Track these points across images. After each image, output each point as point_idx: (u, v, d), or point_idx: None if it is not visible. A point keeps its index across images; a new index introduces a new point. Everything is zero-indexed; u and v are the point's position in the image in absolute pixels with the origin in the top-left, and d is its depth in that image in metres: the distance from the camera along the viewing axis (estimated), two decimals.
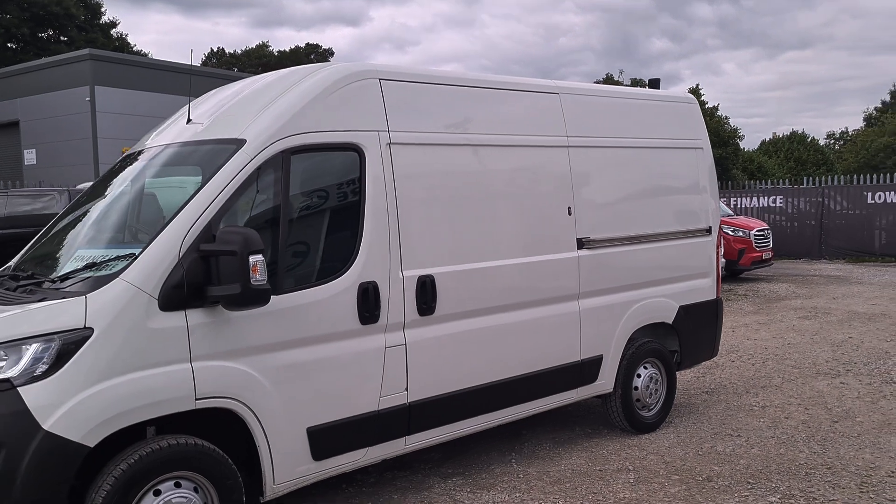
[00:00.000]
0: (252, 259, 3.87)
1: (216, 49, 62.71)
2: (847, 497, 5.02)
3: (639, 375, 6.33)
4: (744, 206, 23.44)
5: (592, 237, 5.88)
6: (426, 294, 4.86)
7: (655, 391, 6.46)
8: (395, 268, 4.74)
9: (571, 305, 5.77)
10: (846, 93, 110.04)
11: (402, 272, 4.77)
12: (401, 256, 4.76)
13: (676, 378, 6.72)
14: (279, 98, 4.56)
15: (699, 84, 56.99)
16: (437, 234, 5.00)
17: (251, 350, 4.19)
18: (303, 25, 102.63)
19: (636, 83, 37.09)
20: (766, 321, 11.94)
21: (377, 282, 4.64)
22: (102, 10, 47.57)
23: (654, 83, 7.31)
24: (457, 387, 5.08)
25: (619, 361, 6.14)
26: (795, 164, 48.50)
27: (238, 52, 61.95)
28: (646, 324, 6.31)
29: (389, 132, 4.80)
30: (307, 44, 64.90)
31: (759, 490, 5.16)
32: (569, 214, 5.76)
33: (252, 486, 4.32)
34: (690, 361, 6.91)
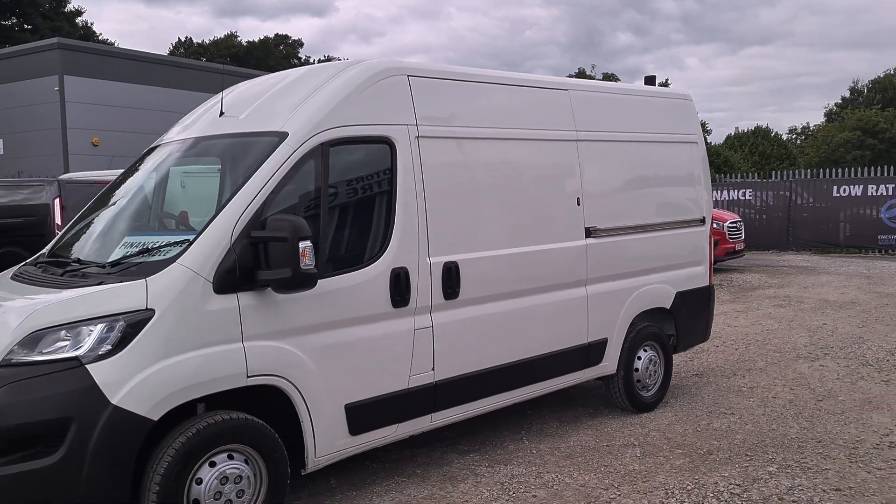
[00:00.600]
0: (301, 245, 4.13)
1: (184, 39, 62.21)
2: (838, 466, 5.43)
3: (639, 357, 6.69)
4: (714, 199, 24.03)
5: (599, 226, 6.22)
6: (451, 279, 5.16)
7: (654, 372, 6.83)
8: (423, 254, 5.02)
9: (580, 291, 6.11)
10: (805, 88, 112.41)
11: (430, 258, 5.05)
12: (428, 244, 5.05)
13: (673, 360, 7.10)
14: (315, 93, 4.80)
15: (668, 79, 57.63)
16: (461, 223, 5.29)
17: (296, 331, 4.45)
18: (267, 15, 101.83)
19: (607, 78, 37.65)
20: (744, 309, 12.42)
21: (407, 267, 4.92)
22: None
23: (650, 80, 7.67)
24: (478, 367, 5.39)
25: (622, 344, 6.49)
26: (760, 159, 49.45)
27: (206, 42, 61.40)
28: (646, 309, 6.67)
29: (417, 126, 5.08)
30: (276, 34, 64.66)
31: (757, 461, 5.54)
32: (577, 205, 6.09)
33: (291, 461, 4.58)
34: (685, 345, 7.30)
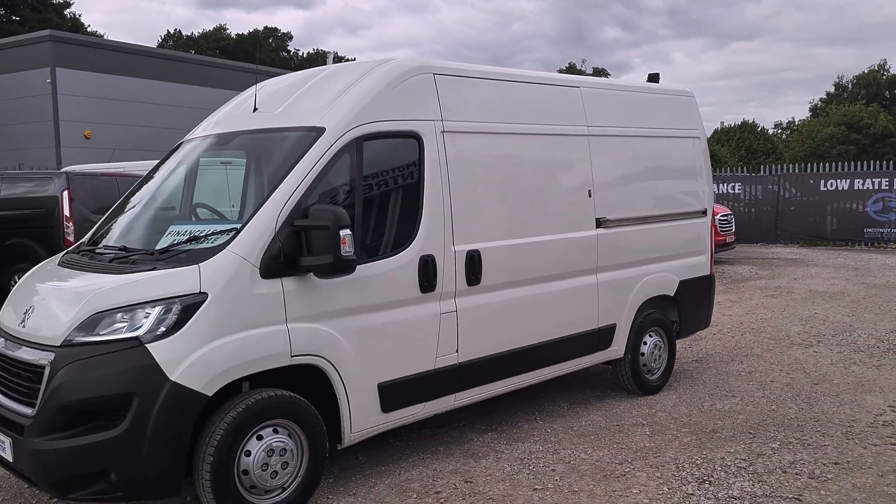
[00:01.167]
0: (342, 233, 4.41)
1: (172, 31, 61.94)
2: (836, 443, 5.78)
3: (645, 343, 7.02)
4: None
5: (608, 217, 6.53)
6: (474, 266, 5.46)
7: (659, 357, 7.17)
8: (449, 243, 5.32)
9: (591, 279, 6.42)
10: (789, 83, 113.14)
11: (454, 247, 5.35)
12: (453, 233, 5.34)
13: (676, 346, 7.44)
14: (349, 90, 5.08)
15: (659, 74, 57.95)
16: (482, 213, 5.59)
17: (334, 314, 4.74)
18: (253, 7, 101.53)
19: (598, 72, 38.01)
20: (737, 299, 12.80)
21: (434, 255, 5.22)
22: None
23: (654, 77, 7.96)
24: (498, 350, 5.69)
25: (630, 330, 6.82)
26: (746, 153, 50.05)
27: (195, 35, 61.29)
28: (652, 296, 7.00)
29: (443, 121, 5.37)
30: (265, 27, 64.69)
31: (761, 438, 5.89)
32: (589, 196, 6.40)
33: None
34: (688, 331, 7.64)
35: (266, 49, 60.81)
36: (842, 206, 22.71)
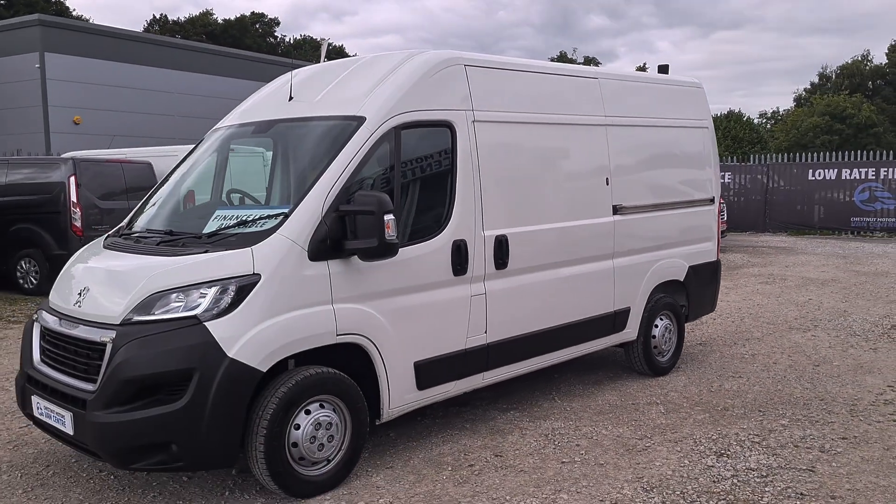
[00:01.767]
0: (386, 218, 4.64)
1: (158, 16, 61.56)
2: (841, 420, 6.09)
3: (656, 326, 7.30)
4: None
5: (624, 204, 6.79)
6: (502, 251, 5.70)
7: (669, 339, 7.46)
8: (479, 228, 5.55)
9: (608, 263, 6.69)
10: (773, 73, 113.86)
11: (484, 232, 5.59)
12: (483, 218, 5.58)
13: (685, 329, 7.74)
14: (385, 81, 5.29)
15: (646, 63, 58.38)
16: (509, 199, 5.82)
17: (375, 295, 4.97)
18: None
19: (588, 61, 38.27)
20: (733, 286, 13.13)
21: (466, 240, 5.45)
22: None
23: (664, 69, 8.22)
24: (523, 331, 5.95)
25: (643, 313, 7.09)
26: (732, 143, 50.51)
27: (182, 20, 60.89)
28: (663, 281, 7.27)
29: (473, 111, 5.60)
30: (252, 12, 64.30)
31: (770, 416, 6.19)
32: (606, 184, 6.66)
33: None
34: (695, 315, 7.93)
35: (254, 35, 60.54)
36: (829, 196, 23.19)
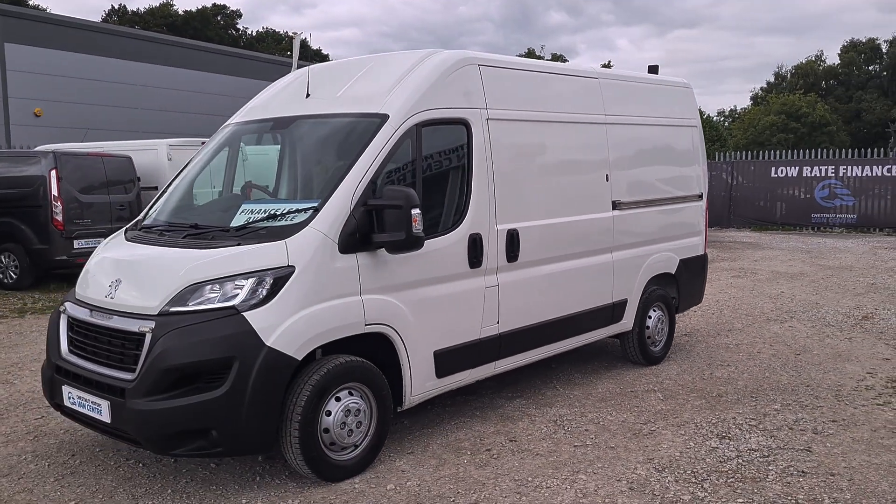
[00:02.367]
0: (413, 212, 4.82)
1: (117, 6, 60.39)
2: (829, 404, 6.44)
3: (650, 317, 7.60)
4: None
5: (622, 200, 7.07)
6: (513, 244, 5.92)
7: (662, 330, 7.76)
8: (492, 222, 5.77)
9: (607, 257, 6.96)
10: (730, 72, 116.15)
11: (497, 226, 5.80)
12: (496, 213, 5.79)
13: (675, 320, 8.06)
14: (404, 80, 5.46)
15: (610, 61, 59.19)
16: (519, 195, 6.04)
17: (398, 286, 5.15)
18: None
19: (556, 59, 38.66)
20: (707, 280, 13.51)
21: (481, 233, 5.66)
22: None
23: (653, 69, 8.51)
24: (532, 321, 6.18)
25: (638, 304, 7.38)
26: None
27: (141, 11, 59.88)
28: (657, 273, 7.58)
29: (487, 109, 5.80)
30: (214, 4, 63.44)
31: (762, 401, 6.52)
32: (606, 181, 6.92)
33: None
34: (685, 306, 8.26)
35: (216, 27, 59.89)
36: (790, 193, 23.87)
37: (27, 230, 12.60)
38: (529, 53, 45.81)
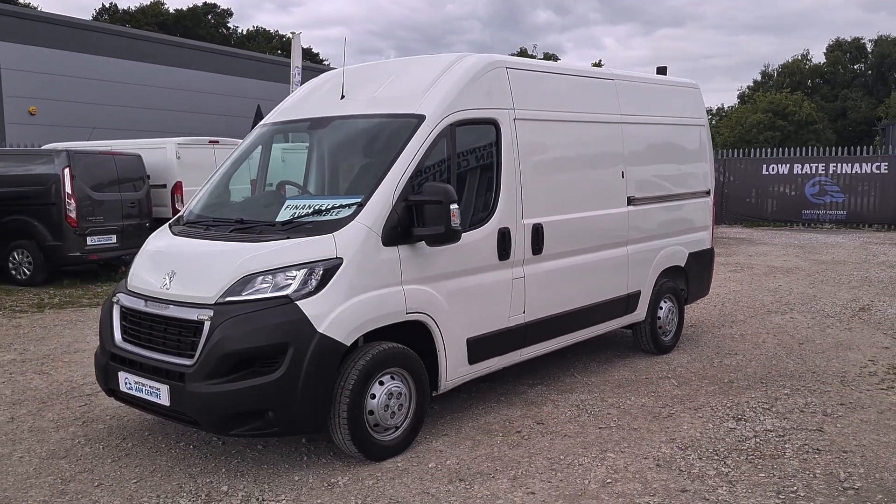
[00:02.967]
0: (452, 207, 5.12)
1: (108, 5, 60.26)
2: (835, 389, 6.79)
3: (661, 307, 7.93)
4: None
5: (636, 196, 7.40)
6: (538, 238, 6.23)
7: (672, 320, 8.10)
8: (519, 217, 6.07)
9: (623, 250, 7.28)
10: (716, 70, 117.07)
11: (523, 220, 6.11)
12: (522, 208, 6.10)
13: (684, 311, 8.40)
14: (438, 82, 5.75)
15: (601, 60, 59.53)
16: (543, 191, 6.35)
17: (435, 277, 5.45)
18: None
19: (548, 58, 38.99)
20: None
21: (509, 227, 5.97)
22: None
23: (662, 70, 8.84)
24: (555, 311, 6.50)
25: (650, 296, 7.71)
26: None
27: (132, 10, 59.81)
28: (668, 266, 7.91)
29: (514, 110, 6.11)
30: (204, 3, 63.42)
31: (772, 386, 6.86)
32: (622, 177, 7.24)
33: None
34: (693, 298, 8.60)
35: (207, 25, 59.90)
36: (781, 190, 24.31)
37: (41, 227, 12.80)
38: (522, 53, 46.13)
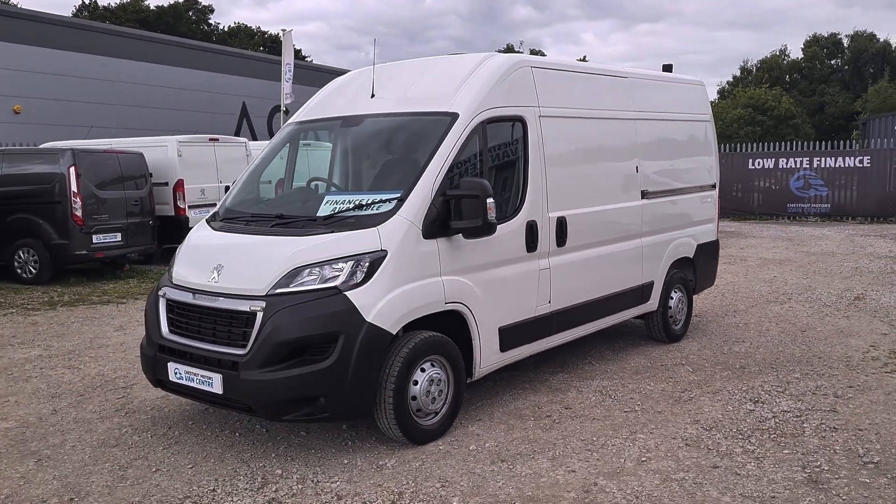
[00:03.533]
0: (488, 201, 5.36)
1: (88, 2, 59.80)
2: (842, 373, 7.11)
3: (672, 297, 8.22)
4: None
5: (650, 189, 7.67)
6: (562, 230, 6.48)
7: (682, 310, 8.40)
8: (545, 210, 6.32)
9: (637, 242, 7.56)
10: (693, 66, 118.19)
11: (549, 214, 6.36)
12: (548, 202, 6.35)
13: (693, 300, 8.70)
14: (468, 81, 5.97)
15: (585, 56, 59.91)
16: (566, 185, 6.60)
17: (471, 268, 5.69)
18: None
19: (533, 53, 39.25)
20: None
21: (536, 220, 6.22)
22: None
23: (668, 68, 9.13)
24: (578, 300, 6.76)
25: (662, 286, 8.00)
26: None
27: (112, 6, 59.41)
28: (678, 257, 8.20)
29: (539, 107, 6.35)
30: None
31: (782, 371, 7.17)
32: (636, 172, 7.52)
33: None
34: (700, 288, 8.91)
35: (188, 22, 59.63)
36: (767, 184, 24.79)
37: (46, 226, 12.87)
38: (508, 49, 46.42)
